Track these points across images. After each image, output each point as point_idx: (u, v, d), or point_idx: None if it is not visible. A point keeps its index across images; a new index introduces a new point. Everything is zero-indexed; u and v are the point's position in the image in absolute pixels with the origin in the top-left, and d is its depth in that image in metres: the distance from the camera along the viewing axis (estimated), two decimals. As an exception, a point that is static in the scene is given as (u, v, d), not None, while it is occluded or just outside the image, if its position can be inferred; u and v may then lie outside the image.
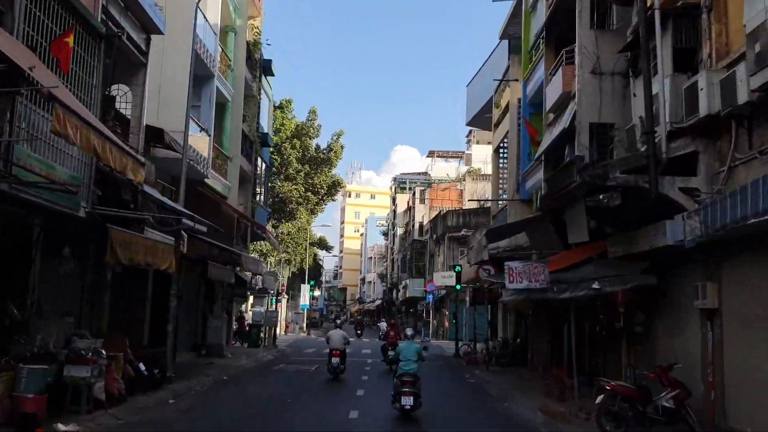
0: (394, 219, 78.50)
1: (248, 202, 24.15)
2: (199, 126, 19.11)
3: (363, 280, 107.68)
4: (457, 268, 26.17)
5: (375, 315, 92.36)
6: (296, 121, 46.49)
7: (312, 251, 69.38)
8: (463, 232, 42.37)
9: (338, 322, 20.46)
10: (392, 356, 14.10)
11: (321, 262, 70.47)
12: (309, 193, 44.48)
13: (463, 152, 76.07)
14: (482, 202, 34.21)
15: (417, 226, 57.02)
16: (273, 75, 29.91)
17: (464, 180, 57.26)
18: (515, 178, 21.33)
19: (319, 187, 45.42)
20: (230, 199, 22.15)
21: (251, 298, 41.66)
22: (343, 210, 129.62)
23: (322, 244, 69.86)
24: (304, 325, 45.43)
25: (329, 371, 17.20)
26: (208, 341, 22.35)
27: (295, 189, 43.62)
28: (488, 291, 23.74)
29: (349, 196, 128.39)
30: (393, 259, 77.62)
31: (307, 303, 44.63)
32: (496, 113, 25.92)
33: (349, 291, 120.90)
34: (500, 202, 24.43)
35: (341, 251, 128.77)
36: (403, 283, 59.74)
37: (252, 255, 28.93)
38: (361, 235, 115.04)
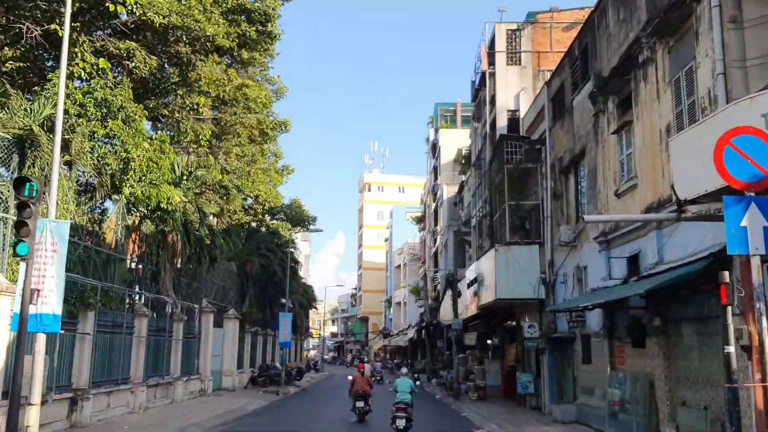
0: (435, 179, 43.79)
1: None
2: None
3: (389, 301, 72.13)
4: None
5: (408, 356, 57.01)
6: None
7: (282, 226, 34.92)
8: None
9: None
10: (391, 389, 16.15)
11: (294, 251, 35.20)
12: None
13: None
14: None
15: (505, 119, 22.39)
16: None
17: None
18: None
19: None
20: None
21: None
22: (360, 211, 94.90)
23: (296, 215, 35.58)
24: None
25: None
26: None
27: None
28: None
29: (369, 190, 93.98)
30: (437, 250, 42.84)
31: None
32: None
33: (372, 321, 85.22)
34: None
35: (360, 267, 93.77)
36: (472, 273, 24.75)
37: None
38: (386, 240, 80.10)
